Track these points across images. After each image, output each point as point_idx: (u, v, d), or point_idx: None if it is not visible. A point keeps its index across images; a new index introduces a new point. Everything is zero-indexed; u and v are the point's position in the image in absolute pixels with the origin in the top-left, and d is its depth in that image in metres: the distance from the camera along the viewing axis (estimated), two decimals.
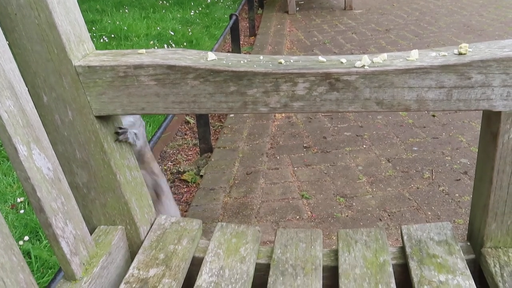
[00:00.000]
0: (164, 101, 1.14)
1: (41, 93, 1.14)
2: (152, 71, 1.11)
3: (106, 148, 1.19)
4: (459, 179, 2.62)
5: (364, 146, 3.08)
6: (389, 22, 6.32)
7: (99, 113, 1.16)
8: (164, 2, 7.50)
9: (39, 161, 1.03)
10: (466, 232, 1.46)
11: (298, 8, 7.33)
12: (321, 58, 1.12)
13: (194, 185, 2.80)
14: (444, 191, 2.52)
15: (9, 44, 1.05)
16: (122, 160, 1.26)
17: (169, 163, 3.09)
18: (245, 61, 1.13)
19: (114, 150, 1.23)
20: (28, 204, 2.38)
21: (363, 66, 1.06)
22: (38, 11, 1.06)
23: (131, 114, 1.24)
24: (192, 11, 6.95)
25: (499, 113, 1.06)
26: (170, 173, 2.96)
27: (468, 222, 1.40)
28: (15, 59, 1.07)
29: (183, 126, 3.63)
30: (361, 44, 5.39)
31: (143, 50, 1.19)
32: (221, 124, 3.56)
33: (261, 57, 1.16)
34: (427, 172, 2.72)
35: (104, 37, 5.41)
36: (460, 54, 1.06)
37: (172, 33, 5.64)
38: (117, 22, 5.94)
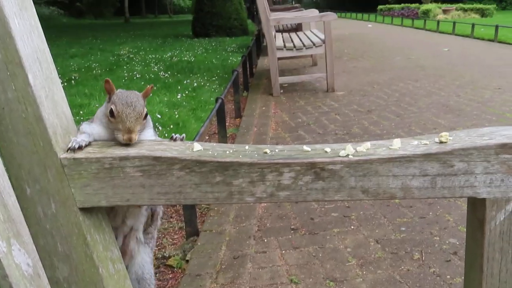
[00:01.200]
0: (149, 192, 1.13)
1: (24, 185, 1.13)
2: (138, 162, 1.11)
3: (89, 241, 1.16)
4: (449, 260, 2.59)
5: (352, 227, 3.06)
6: (371, 103, 6.52)
7: (83, 205, 1.14)
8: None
9: (19, 257, 0.99)
10: None
11: (282, 91, 7.56)
12: (305, 147, 1.14)
13: (180, 270, 2.72)
14: (435, 273, 2.48)
15: None
16: (105, 252, 1.23)
17: (154, 248, 3.01)
18: (231, 151, 1.14)
19: (97, 242, 1.20)
20: None
21: (347, 155, 1.08)
22: (26, 105, 1.08)
23: (115, 205, 1.23)
24: (179, 94, 7.13)
25: (484, 200, 1.07)
26: (155, 258, 2.88)
27: None
28: (0, 152, 1.07)
29: (168, 209, 3.59)
30: (345, 124, 5.52)
31: None
32: (208, 207, 3.53)
33: (247, 147, 1.17)
34: (416, 253, 2.68)
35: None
36: (441, 142, 1.09)
37: (159, 116, 5.74)
38: None
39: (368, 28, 23.99)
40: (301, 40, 7.96)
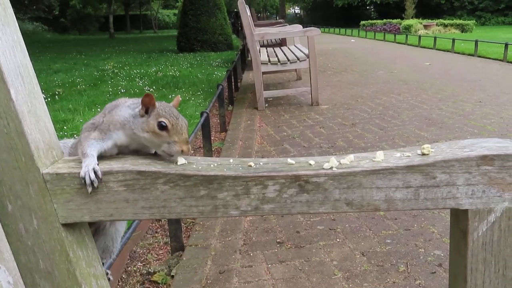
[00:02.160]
0: (133, 207, 1.12)
1: (5, 201, 1.11)
2: (121, 177, 1.10)
3: (72, 257, 1.14)
4: (435, 272, 2.60)
5: (338, 240, 3.06)
6: (355, 116, 6.58)
7: (66, 221, 1.13)
8: None
9: None
10: None
11: (267, 105, 7.59)
12: (290, 160, 1.14)
13: (165, 286, 2.69)
14: (420, 285, 2.49)
15: None
16: (88, 268, 1.21)
17: (139, 264, 2.98)
18: (215, 164, 1.14)
19: (80, 259, 1.18)
20: None
21: (331, 167, 1.09)
22: (8, 120, 1.07)
23: (99, 221, 1.21)
24: None
25: (466, 211, 1.08)
26: (140, 274, 2.84)
27: None
28: None
29: (153, 224, 3.56)
30: (329, 138, 5.55)
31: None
32: (193, 221, 3.51)
33: (231, 160, 1.17)
34: (402, 265, 2.69)
35: (75, 136, 5.43)
36: (423, 154, 1.10)
37: None
38: None
39: (351, 43, 24.28)
40: (285, 54, 8.02)
